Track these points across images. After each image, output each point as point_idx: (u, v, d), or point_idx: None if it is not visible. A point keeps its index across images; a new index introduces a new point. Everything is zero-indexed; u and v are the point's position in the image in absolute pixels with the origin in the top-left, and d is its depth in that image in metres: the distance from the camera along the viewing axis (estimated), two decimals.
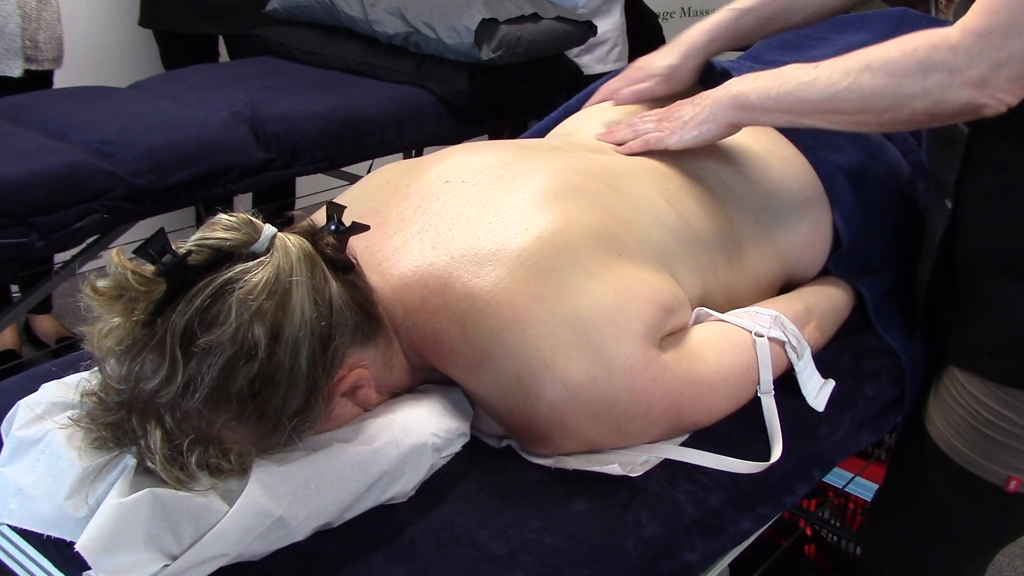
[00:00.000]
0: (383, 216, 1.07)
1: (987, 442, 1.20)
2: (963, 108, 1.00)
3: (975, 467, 1.22)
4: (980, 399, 1.19)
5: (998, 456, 1.20)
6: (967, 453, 1.23)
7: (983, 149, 1.11)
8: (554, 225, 1.01)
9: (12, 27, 2.30)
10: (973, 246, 1.16)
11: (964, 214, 1.15)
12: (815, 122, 1.12)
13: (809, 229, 1.29)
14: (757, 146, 1.29)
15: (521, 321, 0.96)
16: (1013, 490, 1.20)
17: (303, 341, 0.85)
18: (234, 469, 0.85)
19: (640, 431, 1.01)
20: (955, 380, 1.23)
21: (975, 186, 1.13)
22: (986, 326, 1.16)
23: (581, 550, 0.92)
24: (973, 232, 1.15)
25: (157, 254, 0.82)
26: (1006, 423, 1.17)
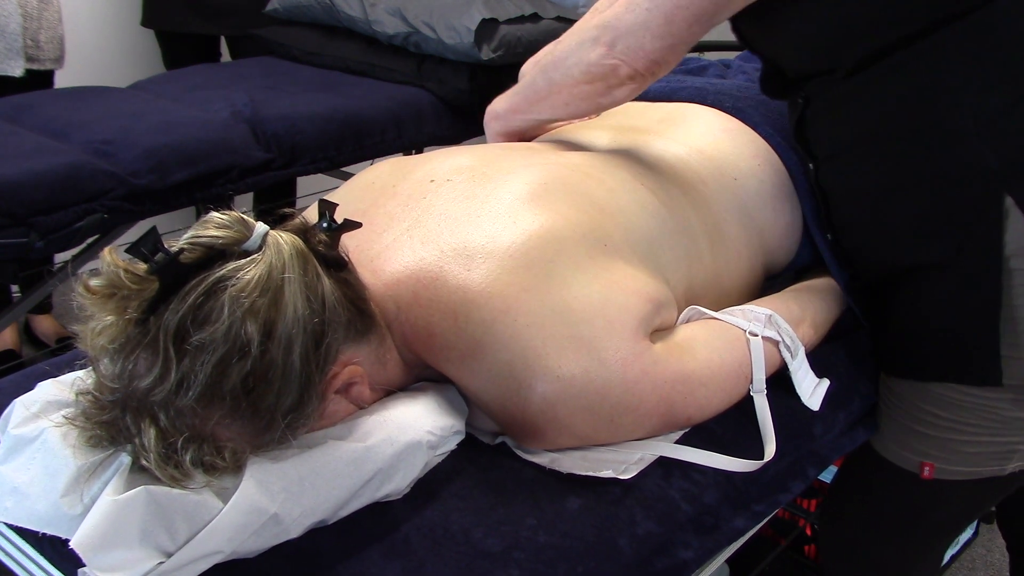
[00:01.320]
0: (371, 215, 1.07)
1: (900, 429, 1.24)
2: (601, 67, 1.18)
3: (892, 455, 1.27)
4: (890, 387, 1.24)
5: (910, 442, 1.23)
6: (885, 442, 1.28)
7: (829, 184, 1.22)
8: (541, 219, 1.02)
9: (14, 26, 2.31)
10: (860, 265, 1.26)
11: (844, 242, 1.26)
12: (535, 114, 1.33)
13: (772, 192, 1.32)
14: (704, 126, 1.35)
15: (513, 311, 0.96)
16: (928, 476, 1.23)
17: (296, 338, 0.85)
18: (228, 467, 0.85)
19: (632, 424, 1.01)
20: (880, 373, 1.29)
21: (839, 216, 1.24)
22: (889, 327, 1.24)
23: (576, 547, 0.92)
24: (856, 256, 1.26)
25: (149, 252, 0.82)
26: (914, 409, 1.21)
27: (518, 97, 1.34)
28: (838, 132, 1.18)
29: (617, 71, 1.17)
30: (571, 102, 1.25)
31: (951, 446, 1.20)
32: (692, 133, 1.34)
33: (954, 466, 1.21)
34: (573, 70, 1.21)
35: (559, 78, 1.24)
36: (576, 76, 1.21)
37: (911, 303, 1.18)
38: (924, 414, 1.20)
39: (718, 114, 1.39)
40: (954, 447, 1.20)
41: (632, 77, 1.18)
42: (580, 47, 1.20)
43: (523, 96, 1.33)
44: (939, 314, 1.15)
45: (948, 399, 1.17)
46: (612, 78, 1.19)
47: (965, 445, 1.19)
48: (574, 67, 1.21)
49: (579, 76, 1.21)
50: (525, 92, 1.32)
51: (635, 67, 1.16)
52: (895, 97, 1.09)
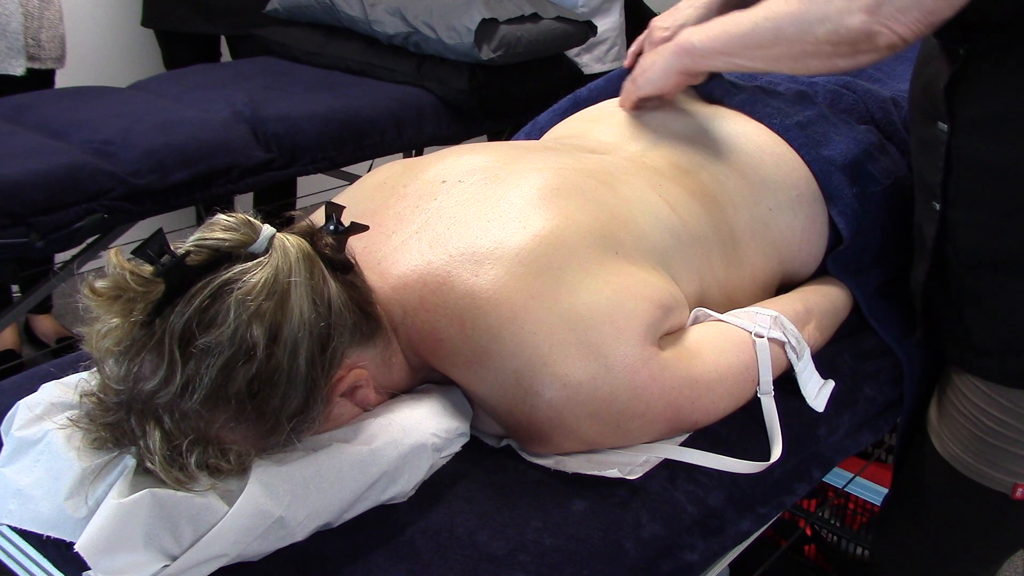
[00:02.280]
0: (381, 216, 1.07)
1: (991, 451, 1.19)
2: (858, 34, 1.02)
3: (981, 476, 1.22)
4: (982, 408, 1.18)
5: (1003, 464, 1.19)
6: (972, 463, 1.22)
7: (963, 149, 1.11)
8: (551, 223, 1.02)
9: (15, 25, 2.30)
10: (964, 247, 1.15)
11: (952, 215, 1.15)
12: (746, 61, 1.16)
13: (805, 224, 1.28)
14: (750, 144, 1.29)
15: (520, 319, 0.96)
16: (1020, 497, 1.19)
17: (302, 341, 0.85)
18: (233, 469, 0.85)
19: (639, 430, 1.01)
20: (957, 389, 1.22)
21: (960, 187, 1.13)
22: (985, 328, 1.16)
23: (581, 550, 0.92)
24: (963, 233, 1.14)
25: (156, 255, 0.82)
26: (1009, 430, 1.17)
27: (726, 38, 1.16)
28: (999, 96, 1.06)
29: (874, 39, 1.02)
30: (802, 58, 1.09)
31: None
32: (734, 150, 1.28)
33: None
34: (816, 27, 1.05)
35: (792, 31, 1.07)
36: (817, 34, 1.05)
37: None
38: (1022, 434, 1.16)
39: (764, 131, 1.32)
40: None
41: (891, 46, 1.02)
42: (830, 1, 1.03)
43: (737, 39, 1.14)
44: None
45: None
46: (865, 44, 1.03)
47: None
48: (818, 24, 1.04)
49: (822, 35, 1.04)
50: (741, 36, 1.14)
51: (902, 34, 1.01)
52: None
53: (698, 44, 1.19)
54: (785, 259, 1.28)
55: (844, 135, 1.33)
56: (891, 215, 1.32)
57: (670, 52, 1.23)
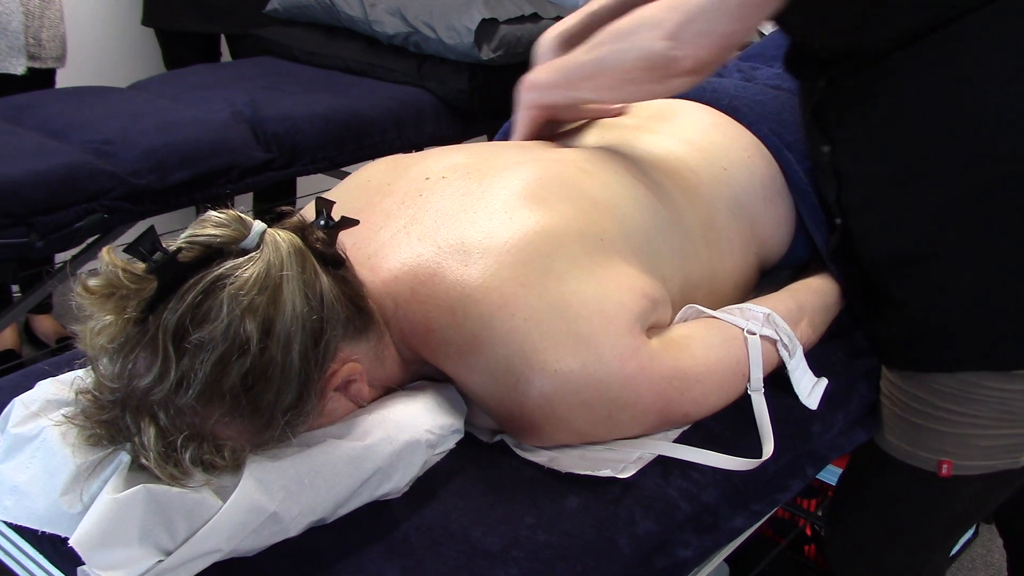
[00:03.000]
0: (368, 213, 1.07)
1: (913, 429, 1.23)
2: (663, 59, 1.11)
3: (906, 456, 1.26)
4: (901, 387, 1.23)
5: (925, 441, 1.23)
6: (897, 443, 1.26)
7: (844, 166, 1.20)
8: (537, 214, 1.03)
9: (15, 24, 2.31)
10: (866, 252, 1.22)
11: (852, 225, 1.23)
12: (579, 92, 1.26)
13: (764, 181, 1.32)
14: (698, 122, 1.36)
15: (510, 306, 0.96)
16: (946, 474, 1.22)
17: (295, 335, 0.85)
18: (228, 465, 0.85)
19: (630, 421, 1.01)
20: (884, 374, 1.27)
21: (852, 200, 1.21)
22: (894, 320, 1.22)
23: (575, 546, 0.92)
24: (863, 240, 1.22)
25: (147, 252, 0.82)
26: (926, 407, 1.20)
27: (560, 73, 1.26)
28: (861, 114, 1.16)
29: (678, 63, 1.11)
30: (619, 86, 1.19)
31: (968, 441, 1.20)
32: (683, 127, 1.34)
33: (970, 461, 1.21)
34: (628, 54, 1.14)
35: (611, 61, 1.17)
36: (630, 61, 1.14)
37: (928, 291, 1.16)
38: (938, 411, 1.19)
39: (710, 111, 1.38)
40: (971, 442, 1.20)
41: (695, 70, 1.12)
42: (640, 29, 1.13)
43: (566, 73, 1.25)
44: (962, 301, 1.14)
45: (963, 394, 1.17)
46: (672, 69, 1.12)
47: (981, 439, 1.19)
48: (629, 51, 1.14)
49: (633, 62, 1.14)
50: (570, 70, 1.24)
51: (700, 57, 1.10)
52: (922, 82, 1.08)
53: (538, 80, 1.30)
54: (756, 222, 1.31)
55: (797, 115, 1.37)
56: None
57: (521, 91, 1.32)
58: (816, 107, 1.21)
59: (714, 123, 1.36)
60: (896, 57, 1.09)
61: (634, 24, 1.15)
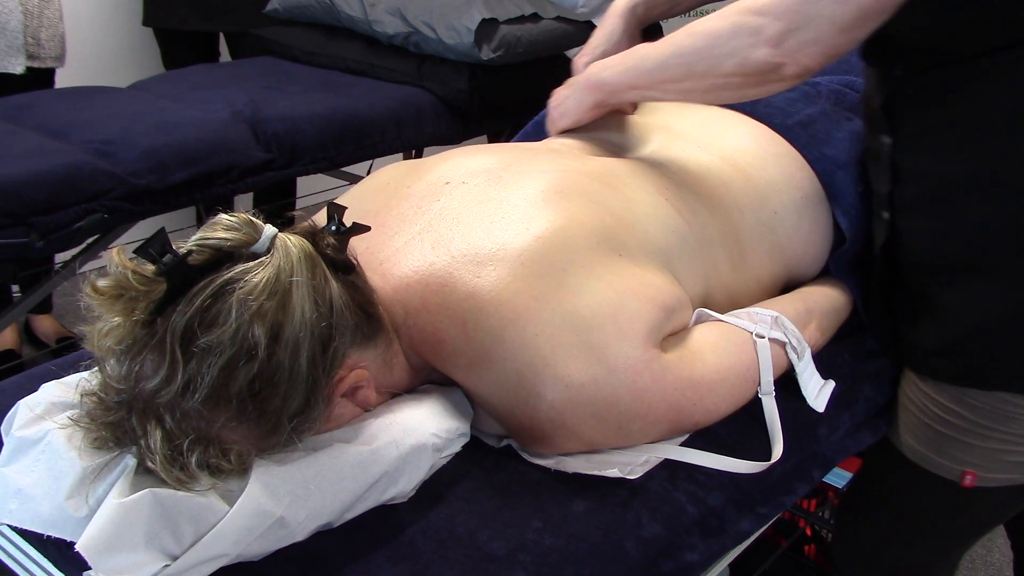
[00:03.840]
0: (383, 217, 1.07)
1: (940, 438, 1.21)
2: (764, 66, 1.05)
3: (930, 464, 1.24)
4: (932, 396, 1.21)
5: (952, 452, 1.21)
6: (921, 450, 1.25)
7: (905, 161, 1.15)
8: (555, 225, 1.02)
9: (14, 24, 2.30)
10: (912, 253, 1.18)
11: (900, 223, 1.18)
12: (658, 93, 1.20)
13: (810, 227, 1.28)
14: (754, 145, 1.30)
15: (522, 320, 0.96)
16: (969, 484, 1.21)
17: (303, 341, 0.85)
18: (234, 469, 0.85)
19: (641, 431, 1.01)
20: (909, 380, 1.25)
21: (905, 196, 1.16)
22: (932, 328, 1.18)
23: (581, 550, 0.92)
24: (910, 240, 1.18)
25: (158, 254, 0.82)
26: (957, 419, 1.18)
27: (636, 73, 1.19)
28: (936, 112, 1.10)
29: (781, 70, 1.05)
30: (712, 90, 1.12)
31: (996, 456, 1.18)
32: (739, 151, 1.28)
33: (995, 474, 1.20)
34: (724, 61, 1.08)
35: (701, 67, 1.10)
36: (726, 69, 1.08)
37: (975, 303, 1.12)
38: (970, 424, 1.17)
39: (765, 131, 1.32)
40: (999, 456, 1.18)
41: (798, 75, 1.05)
42: (735, 35, 1.06)
43: (646, 74, 1.17)
44: (1013, 319, 1.10)
45: (1003, 412, 1.14)
46: (772, 75, 1.06)
47: (1010, 455, 1.18)
48: (725, 58, 1.07)
49: (730, 69, 1.08)
50: (650, 71, 1.16)
51: (806, 65, 1.04)
52: (1010, 90, 1.04)
53: (607, 79, 1.23)
54: (790, 261, 1.28)
55: (846, 132, 1.34)
56: None
57: (581, 88, 1.26)
58: (888, 97, 1.14)
59: (774, 153, 1.30)
60: (989, 60, 1.03)
61: (728, 27, 1.07)
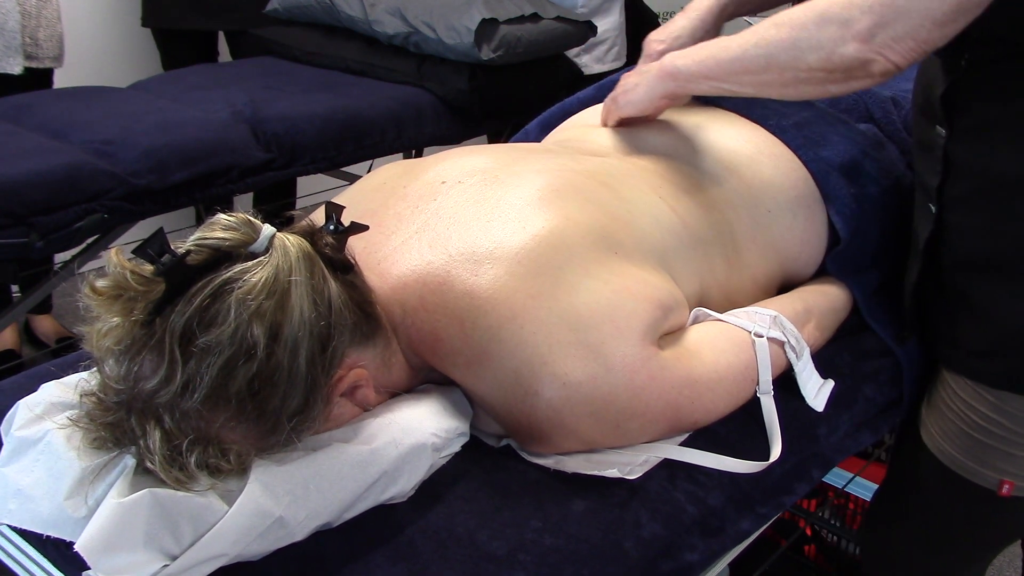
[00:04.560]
0: (380, 217, 1.07)
1: (978, 446, 1.20)
2: (852, 62, 1.01)
3: (967, 472, 1.22)
4: (971, 404, 1.19)
5: (989, 460, 1.19)
6: (959, 458, 1.23)
7: (959, 154, 1.11)
8: (551, 224, 1.02)
9: (12, 24, 2.30)
10: (958, 249, 1.16)
11: (947, 218, 1.15)
12: (734, 86, 1.14)
13: (805, 225, 1.28)
14: (748, 145, 1.29)
15: (519, 318, 0.96)
16: (1006, 494, 1.20)
17: (302, 341, 0.85)
18: (233, 469, 0.85)
19: (639, 430, 1.01)
20: (947, 386, 1.23)
21: (956, 190, 1.13)
22: (974, 328, 1.16)
23: (581, 550, 0.92)
24: (957, 235, 1.15)
25: (156, 254, 0.82)
26: (996, 427, 1.17)
27: (713, 63, 1.15)
28: (996, 105, 1.06)
29: (869, 66, 1.01)
30: (793, 84, 1.08)
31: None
32: (733, 152, 1.28)
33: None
34: (809, 55, 1.04)
35: (784, 59, 1.06)
36: (810, 62, 1.04)
37: (1020, 305, 1.10)
38: (1010, 434, 1.15)
39: (760, 132, 1.32)
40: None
41: (885, 73, 1.01)
42: (822, 27, 1.02)
43: (726, 64, 1.13)
44: None
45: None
46: (859, 71, 1.02)
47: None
48: (810, 52, 1.03)
49: (815, 63, 1.03)
50: (730, 61, 1.12)
51: (895, 62, 1.00)
52: None
53: (683, 68, 1.18)
54: (785, 261, 1.28)
55: (842, 135, 1.34)
56: (889, 215, 1.32)
57: (654, 76, 1.22)
58: (949, 87, 1.10)
59: (769, 153, 1.29)
60: None
61: (815, 17, 1.03)
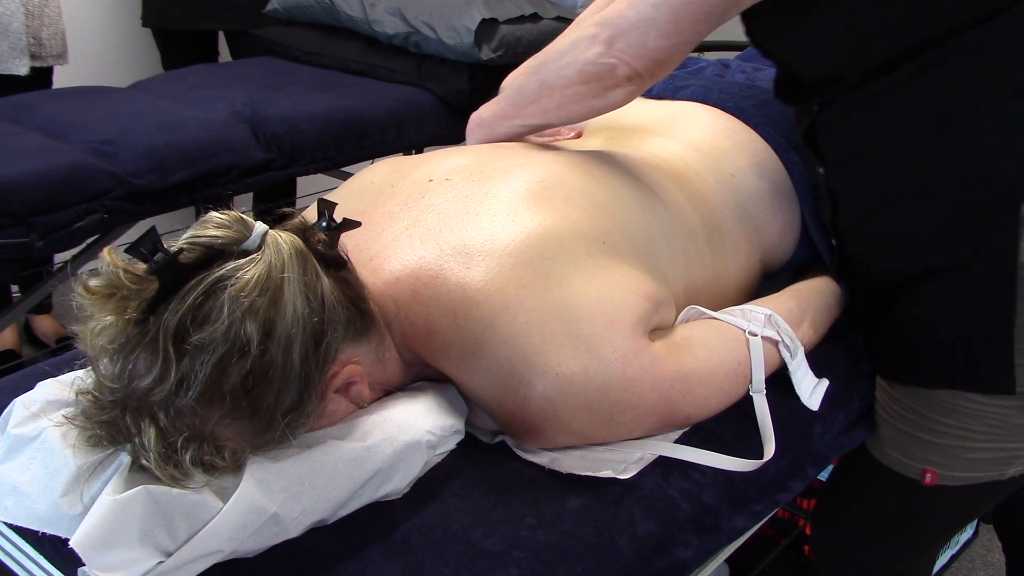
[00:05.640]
0: (370, 215, 1.07)
1: (900, 436, 1.23)
2: (600, 67, 1.13)
3: (892, 462, 1.26)
4: (891, 394, 1.23)
5: (912, 450, 1.23)
6: (884, 449, 1.27)
7: (839, 188, 1.20)
8: (540, 216, 1.03)
9: (17, 25, 2.30)
10: (863, 271, 1.24)
11: (847, 248, 1.24)
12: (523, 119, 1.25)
13: (771, 189, 1.32)
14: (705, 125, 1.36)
15: (512, 309, 0.96)
16: (930, 483, 1.22)
17: (296, 338, 0.85)
18: (228, 466, 0.85)
19: (631, 423, 1.01)
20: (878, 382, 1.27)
21: (845, 221, 1.22)
22: (886, 331, 1.22)
23: (575, 547, 0.92)
24: (858, 260, 1.24)
25: (149, 252, 0.82)
26: (916, 416, 1.20)
27: (505, 102, 1.27)
28: (852, 138, 1.15)
29: (615, 71, 1.12)
30: (563, 104, 1.19)
31: (955, 453, 1.20)
32: (691, 131, 1.34)
33: (956, 472, 1.21)
34: (567, 70, 1.16)
35: (551, 79, 1.18)
36: (570, 76, 1.16)
37: (919, 309, 1.17)
38: (928, 421, 1.19)
39: (719, 113, 1.38)
40: (958, 454, 1.20)
41: (631, 78, 1.13)
42: (576, 45, 1.15)
43: (511, 100, 1.26)
44: (949, 321, 1.14)
45: (954, 406, 1.17)
46: (609, 78, 1.13)
47: (969, 452, 1.19)
48: (568, 66, 1.15)
49: (573, 76, 1.15)
50: (514, 96, 1.25)
51: (634, 67, 1.12)
52: (911, 104, 1.08)
53: (486, 116, 1.30)
54: (761, 227, 1.31)
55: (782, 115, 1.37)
56: None
57: (468, 130, 1.33)
58: (808, 129, 1.20)
59: (722, 127, 1.35)
60: (888, 77, 1.08)
61: (569, 42, 1.17)
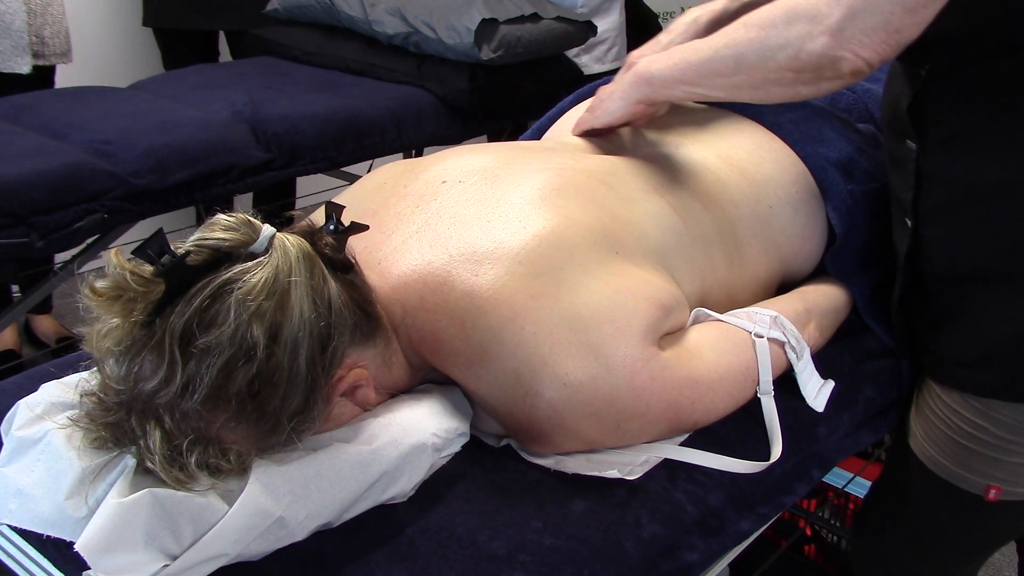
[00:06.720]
0: (381, 216, 1.07)
1: (965, 452, 1.19)
2: (821, 59, 0.98)
3: (954, 478, 1.22)
4: (956, 410, 1.19)
5: (976, 466, 1.19)
6: (946, 464, 1.22)
7: (931, 167, 1.11)
8: (551, 223, 1.02)
9: (19, 24, 2.30)
10: (936, 261, 1.15)
11: (924, 231, 1.15)
12: (707, 90, 1.13)
13: (805, 221, 1.28)
14: (748, 141, 1.30)
15: (520, 319, 0.96)
16: (993, 499, 1.19)
17: (302, 341, 0.85)
18: (233, 469, 0.85)
19: (639, 430, 1.01)
20: (933, 392, 1.23)
21: (930, 203, 1.13)
22: (958, 338, 1.16)
23: (581, 550, 0.92)
24: (935, 248, 1.15)
25: (156, 255, 0.82)
26: (982, 433, 1.16)
27: (687, 66, 1.12)
28: (964, 115, 1.05)
29: (837, 65, 0.98)
30: (762, 85, 1.05)
31: (1021, 470, 1.16)
32: (722, 141, 1.29)
33: (1020, 488, 1.18)
34: (778, 53, 1.01)
35: (754, 60, 1.03)
36: (780, 62, 1.01)
37: (1009, 313, 1.09)
38: (997, 440, 1.15)
39: (759, 128, 1.32)
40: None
41: (854, 73, 0.98)
42: (790, 24, 0.99)
43: (695, 67, 1.11)
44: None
45: None
46: (829, 71, 0.99)
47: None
48: (779, 50, 1.00)
49: (784, 62, 1.01)
50: (701, 63, 1.10)
51: (866, 59, 0.97)
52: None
53: (657, 73, 1.17)
54: (786, 257, 1.28)
55: (838, 131, 1.34)
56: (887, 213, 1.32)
57: (628, 82, 1.21)
58: (914, 99, 1.08)
59: (769, 149, 1.30)
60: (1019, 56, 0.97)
61: (783, 15, 1.01)
